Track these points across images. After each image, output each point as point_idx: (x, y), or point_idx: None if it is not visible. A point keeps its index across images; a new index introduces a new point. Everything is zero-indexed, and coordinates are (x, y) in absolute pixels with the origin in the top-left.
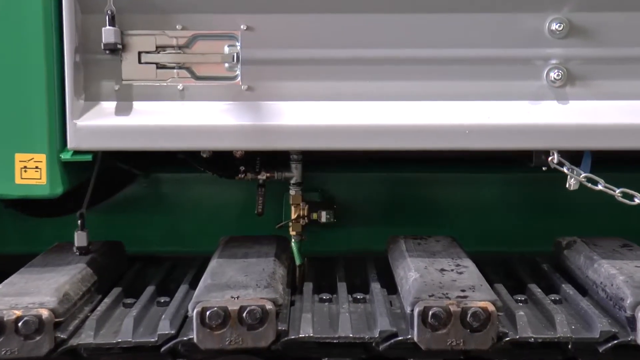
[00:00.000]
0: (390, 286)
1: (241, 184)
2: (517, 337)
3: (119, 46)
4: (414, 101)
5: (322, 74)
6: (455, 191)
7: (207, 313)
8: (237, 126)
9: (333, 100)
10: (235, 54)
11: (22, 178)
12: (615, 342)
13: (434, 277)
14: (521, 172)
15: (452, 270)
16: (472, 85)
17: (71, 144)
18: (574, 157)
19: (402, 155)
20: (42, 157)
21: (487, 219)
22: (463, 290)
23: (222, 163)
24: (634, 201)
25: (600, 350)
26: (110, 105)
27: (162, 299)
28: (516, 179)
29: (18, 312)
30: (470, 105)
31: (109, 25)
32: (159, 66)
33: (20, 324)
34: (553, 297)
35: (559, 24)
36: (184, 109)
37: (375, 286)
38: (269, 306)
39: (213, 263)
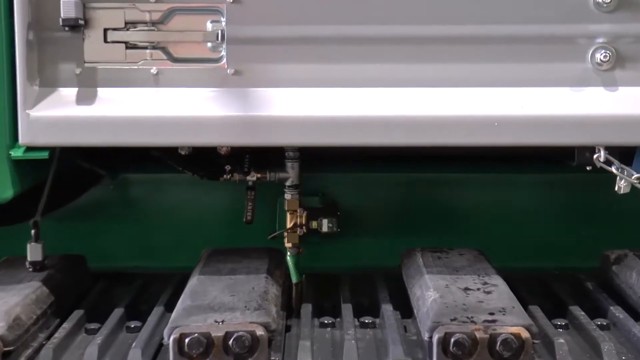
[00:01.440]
0: (405, 308)
1: (227, 187)
2: None
3: (81, 22)
4: (434, 88)
5: (324, 55)
6: (481, 195)
7: (186, 340)
8: (223, 117)
9: (337, 87)
10: (219, 32)
11: None
12: None
13: (456, 298)
14: (561, 173)
15: (478, 289)
16: (502, 68)
17: (23, 138)
18: (624, 154)
19: (419, 153)
20: None
21: (520, 228)
22: (492, 314)
23: (204, 161)
24: None
25: None
26: (70, 93)
27: (133, 324)
28: (555, 181)
29: None
30: (500, 93)
31: None
32: (129, 46)
33: None
34: (599, 321)
35: None
36: (158, 97)
37: (387, 308)
38: (260, 332)
39: (193, 281)
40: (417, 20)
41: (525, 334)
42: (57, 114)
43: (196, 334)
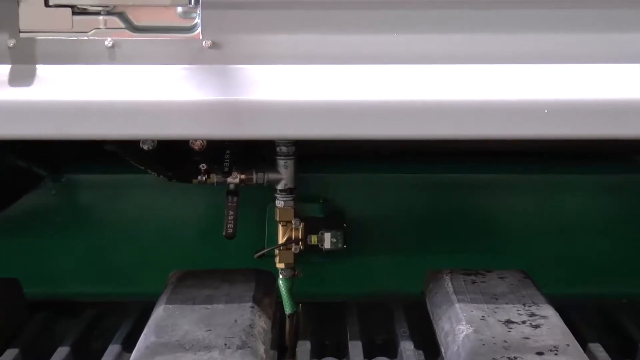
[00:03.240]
0: (429, 347)
1: (202, 191)
2: None
3: None
4: (464, 64)
5: (324, 23)
6: (526, 201)
7: None
8: (196, 103)
9: (341, 64)
10: None
11: None
12: None
13: (495, 333)
14: (627, 173)
15: (523, 322)
16: (552, 40)
17: None
18: None
19: (447, 148)
20: None
21: (575, 243)
22: (540, 353)
23: (172, 159)
24: None
25: None
26: (1, 71)
27: None
28: (619, 183)
29: None
30: (551, 71)
31: None
32: (76, 11)
33: None
34: None
35: None
36: (114, 77)
37: (406, 347)
38: None
39: (159, 311)
40: None
41: None
42: None
43: None
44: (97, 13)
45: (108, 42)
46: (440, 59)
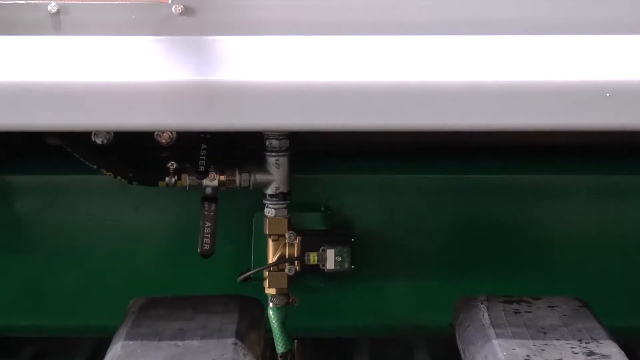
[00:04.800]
0: None
1: (171, 197)
2: None
3: None
4: (498, 35)
5: None
6: (582, 209)
7: None
8: (164, 84)
9: (344, 35)
10: None
11: None
12: None
13: None
14: None
15: None
16: (614, 5)
17: None
18: None
19: (477, 142)
20: None
21: None
22: None
23: (133, 156)
24: None
25: None
26: None
27: None
28: None
29: None
30: (613, 43)
31: None
32: None
33: None
34: None
35: None
36: (60, 52)
37: None
38: None
39: (116, 350)
40: None
41: None
42: None
43: None
44: None
45: (52, 7)
46: (473, 29)
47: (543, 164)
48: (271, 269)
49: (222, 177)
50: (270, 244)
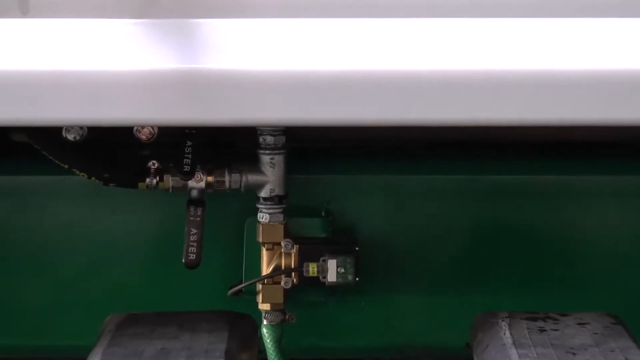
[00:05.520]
0: None
1: (151, 200)
2: None
3: None
4: (518, 18)
5: None
6: (616, 214)
7: None
8: (143, 73)
9: (348, 17)
10: None
11: None
12: None
13: None
14: None
15: None
16: None
17: None
18: None
19: (494, 138)
20: None
21: None
22: None
23: (109, 154)
24: None
25: None
26: None
27: None
28: None
29: None
30: None
31: None
32: None
33: None
34: None
35: None
36: (24, 37)
37: None
38: None
39: None
40: None
41: None
42: None
43: None
44: None
45: None
46: (492, 12)
47: (567, 163)
48: (265, 281)
49: (210, 178)
50: (264, 253)
